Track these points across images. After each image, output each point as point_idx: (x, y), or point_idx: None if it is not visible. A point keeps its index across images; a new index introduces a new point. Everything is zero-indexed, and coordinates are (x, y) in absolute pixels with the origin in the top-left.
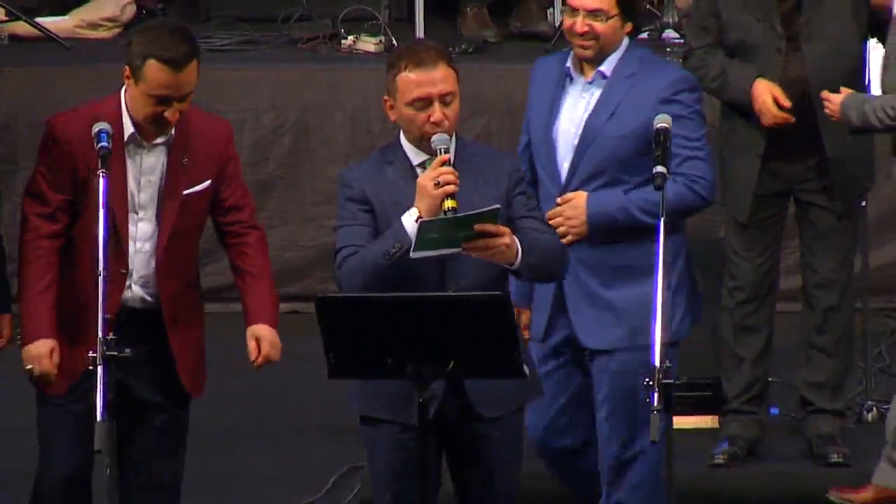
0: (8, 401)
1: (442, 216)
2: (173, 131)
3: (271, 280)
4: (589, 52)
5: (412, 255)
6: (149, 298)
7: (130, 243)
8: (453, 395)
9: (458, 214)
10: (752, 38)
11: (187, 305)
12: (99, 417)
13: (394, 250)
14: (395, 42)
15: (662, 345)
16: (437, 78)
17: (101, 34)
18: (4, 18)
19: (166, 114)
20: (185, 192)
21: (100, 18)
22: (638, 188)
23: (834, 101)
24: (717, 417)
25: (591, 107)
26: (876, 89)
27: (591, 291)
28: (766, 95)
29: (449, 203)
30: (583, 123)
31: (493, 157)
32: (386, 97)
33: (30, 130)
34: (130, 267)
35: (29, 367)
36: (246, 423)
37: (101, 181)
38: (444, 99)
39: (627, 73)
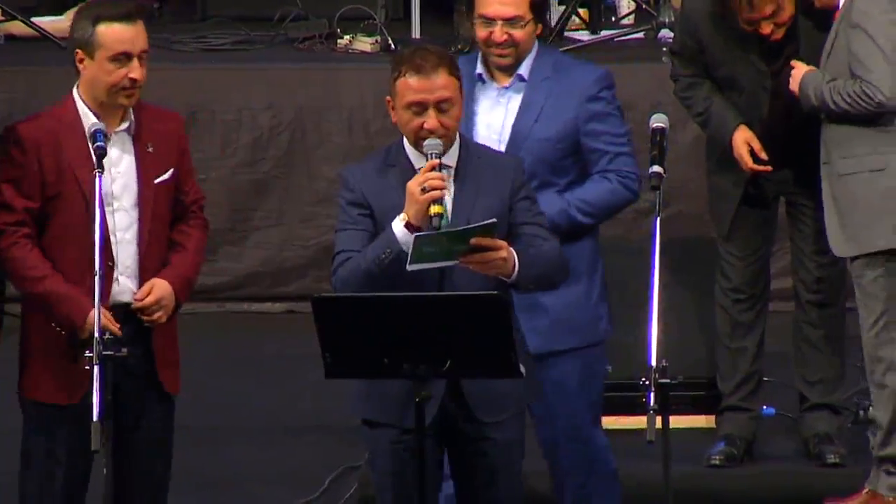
0: None
1: (434, 229)
2: (133, 117)
3: (198, 259)
4: (509, 60)
5: (408, 268)
6: (135, 291)
7: (112, 235)
8: (453, 397)
9: (455, 229)
10: (737, 75)
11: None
12: (95, 418)
13: (384, 256)
14: (391, 42)
15: (592, 345)
16: (434, 85)
17: None
18: (1, 18)
19: (131, 74)
20: (156, 181)
21: None
22: (567, 189)
23: (796, 75)
24: (712, 417)
25: (514, 111)
26: None
27: (531, 298)
28: (744, 148)
29: (435, 209)
30: (508, 128)
31: (497, 162)
32: (388, 98)
33: None
34: (115, 259)
35: (99, 336)
36: (242, 423)
37: (98, 180)
38: (440, 106)
39: (545, 74)
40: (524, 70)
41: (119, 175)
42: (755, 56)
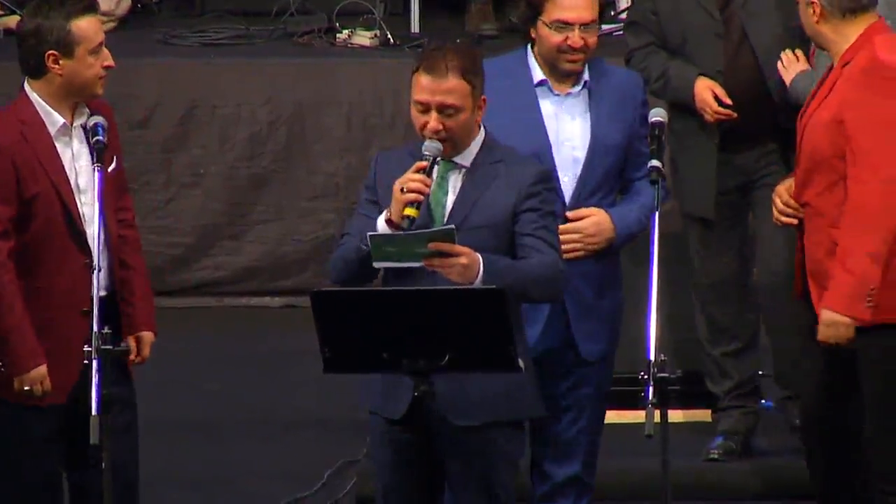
0: None
1: (398, 233)
2: (87, 111)
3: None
4: (580, 67)
5: (374, 264)
6: (107, 283)
7: (87, 229)
8: (438, 399)
9: (410, 232)
10: (690, 26)
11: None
12: (94, 412)
13: (364, 247)
14: (390, 36)
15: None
16: (441, 88)
17: None
18: (0, 12)
19: (105, 63)
20: (110, 169)
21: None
22: (614, 197)
23: (788, 72)
24: (709, 411)
25: (587, 118)
26: None
27: (588, 303)
28: (707, 93)
29: (408, 211)
30: (584, 136)
31: (516, 167)
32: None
33: None
34: (92, 253)
35: (27, 388)
36: (241, 418)
37: (97, 175)
38: (443, 110)
39: (596, 78)
40: (587, 75)
41: (82, 169)
42: (707, 3)
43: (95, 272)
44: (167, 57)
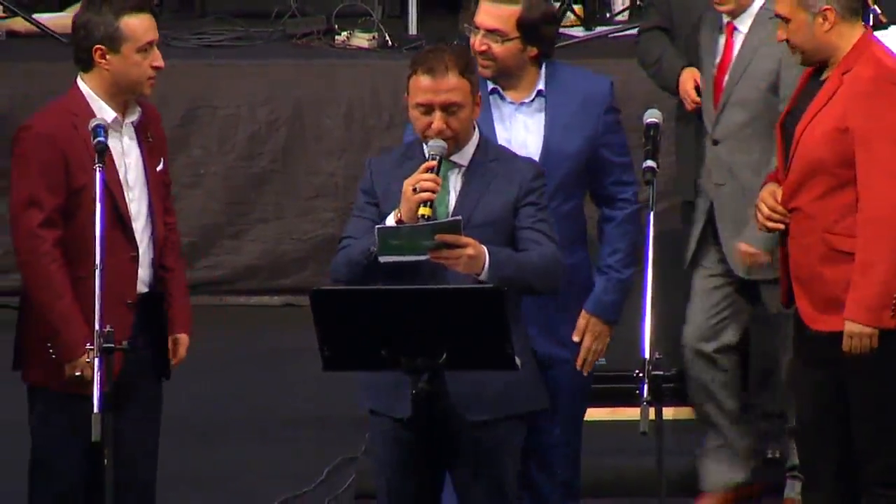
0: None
1: (405, 225)
2: (139, 108)
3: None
4: (487, 73)
5: (380, 259)
6: (150, 280)
7: (133, 223)
8: (440, 394)
9: (417, 224)
10: (695, 16)
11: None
12: (96, 409)
13: (373, 248)
14: (388, 38)
15: None
16: (443, 87)
17: None
18: (2, 14)
19: (155, 63)
20: (157, 170)
21: None
22: (578, 201)
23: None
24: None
25: (539, 128)
26: None
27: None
28: (689, 83)
29: (423, 210)
30: (534, 145)
31: (511, 165)
32: (406, 94)
33: None
34: (137, 248)
35: (78, 374)
36: (241, 416)
37: (98, 175)
38: (447, 108)
39: (556, 88)
40: (541, 83)
41: (131, 166)
42: None
43: (98, 271)
44: (168, 58)
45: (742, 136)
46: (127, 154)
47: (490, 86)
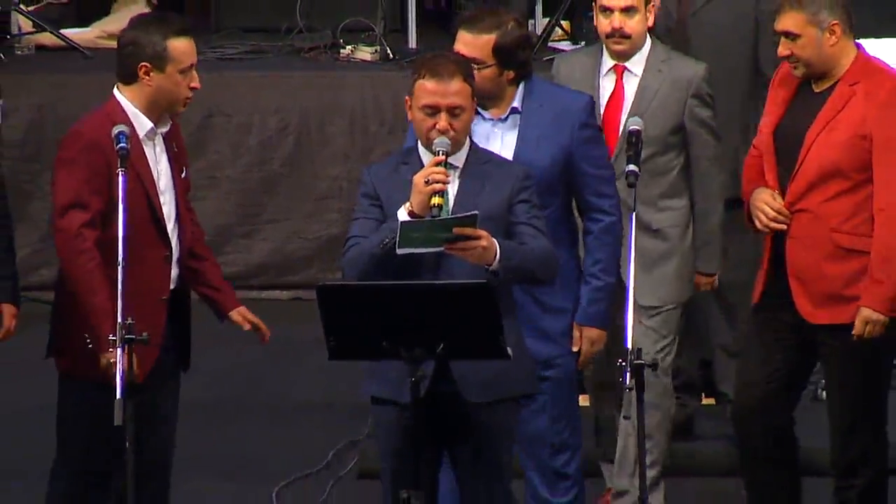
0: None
1: (425, 219)
2: (170, 121)
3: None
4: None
5: (398, 251)
6: (176, 277)
7: (167, 224)
8: (442, 380)
9: (438, 218)
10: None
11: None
12: (118, 395)
13: (387, 240)
14: (389, 51)
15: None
16: (449, 90)
17: None
18: (32, 30)
19: (192, 84)
20: (182, 176)
21: (119, 30)
22: (561, 212)
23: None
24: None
25: (512, 142)
26: None
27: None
28: None
29: (436, 200)
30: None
31: (502, 166)
32: (407, 97)
33: (54, 132)
34: (171, 248)
35: (112, 361)
36: (252, 401)
37: (121, 179)
38: (452, 111)
39: (536, 104)
40: (517, 101)
41: (162, 172)
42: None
43: (120, 268)
44: None
45: (643, 173)
46: (159, 161)
47: None
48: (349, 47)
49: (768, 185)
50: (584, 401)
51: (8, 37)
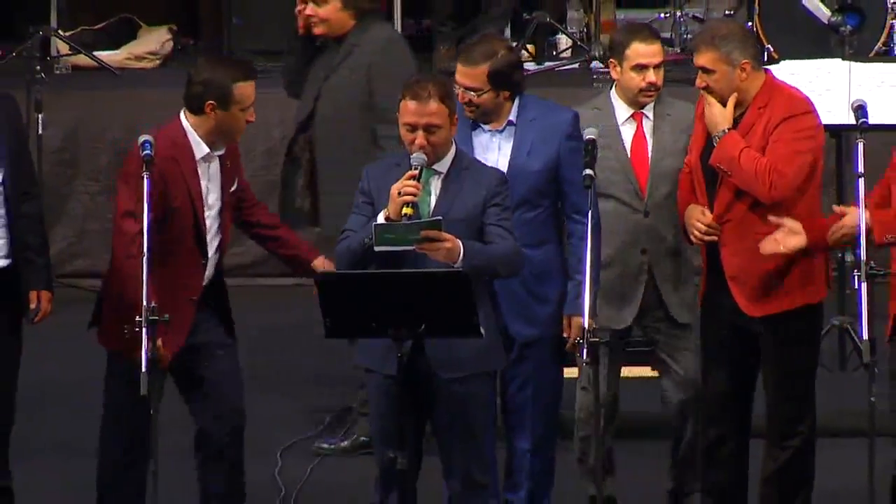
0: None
1: (397, 222)
2: (223, 147)
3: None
4: (471, 116)
5: (375, 249)
6: (211, 275)
7: (207, 234)
8: (421, 356)
9: (407, 222)
10: None
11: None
12: (143, 369)
13: (367, 240)
14: None
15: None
16: (425, 111)
17: (145, 65)
18: (68, 52)
19: (249, 119)
20: (231, 190)
21: (144, 52)
22: (550, 211)
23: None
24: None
25: (508, 150)
26: None
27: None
28: None
29: (406, 210)
30: (503, 165)
31: (481, 172)
32: (397, 114)
33: (88, 144)
34: (207, 253)
35: (146, 305)
36: (259, 374)
37: (146, 182)
38: (428, 128)
39: (529, 118)
40: (513, 115)
41: (212, 189)
42: None
43: (144, 259)
44: None
45: (667, 205)
46: (211, 180)
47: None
48: None
49: (699, 202)
50: (570, 373)
51: (48, 58)
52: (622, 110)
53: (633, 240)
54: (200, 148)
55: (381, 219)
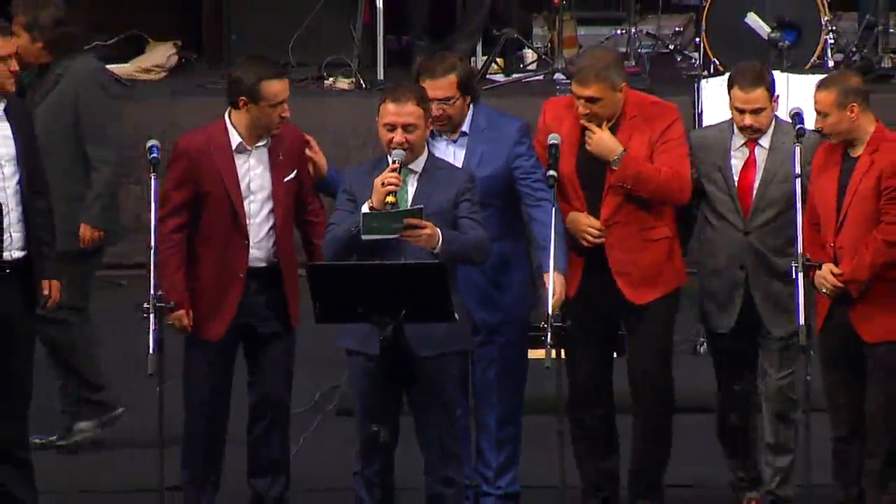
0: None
1: (381, 211)
2: (269, 138)
3: None
4: (445, 128)
5: (362, 237)
6: (266, 258)
7: (247, 220)
8: (401, 338)
9: (391, 210)
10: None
11: (292, 262)
12: (151, 351)
13: (353, 229)
14: (362, 82)
15: None
16: (403, 111)
17: (152, 76)
18: None
19: (283, 114)
20: (286, 179)
21: (151, 65)
22: (502, 211)
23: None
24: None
25: (461, 158)
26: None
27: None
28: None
29: (389, 199)
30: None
31: (452, 171)
32: (377, 116)
33: None
34: (249, 237)
35: (171, 322)
36: None
37: (153, 182)
38: (406, 128)
39: (481, 127)
40: (466, 126)
41: (255, 177)
42: None
43: (152, 250)
44: (203, 97)
45: (773, 227)
46: (253, 169)
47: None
48: (331, 79)
49: (576, 208)
50: (538, 354)
51: None
52: (738, 137)
53: (734, 255)
54: (235, 139)
55: (365, 208)
